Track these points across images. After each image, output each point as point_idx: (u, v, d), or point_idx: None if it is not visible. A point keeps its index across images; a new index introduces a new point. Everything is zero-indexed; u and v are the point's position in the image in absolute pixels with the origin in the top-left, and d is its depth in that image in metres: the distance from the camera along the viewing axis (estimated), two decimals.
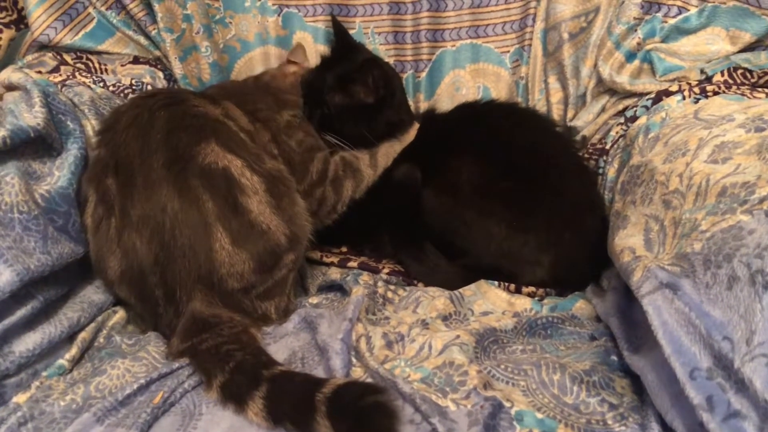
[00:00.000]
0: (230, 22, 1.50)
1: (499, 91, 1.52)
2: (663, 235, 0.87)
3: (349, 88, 1.27)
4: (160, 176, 0.96)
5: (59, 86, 1.21)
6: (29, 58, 1.32)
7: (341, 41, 1.39)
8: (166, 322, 0.98)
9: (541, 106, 1.49)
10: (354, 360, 0.91)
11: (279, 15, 1.51)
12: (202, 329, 0.92)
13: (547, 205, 1.14)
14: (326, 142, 1.27)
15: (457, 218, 1.17)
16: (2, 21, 1.28)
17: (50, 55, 1.33)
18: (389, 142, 1.31)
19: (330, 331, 0.95)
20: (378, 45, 1.53)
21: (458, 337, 0.93)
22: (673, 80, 1.25)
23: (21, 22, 1.31)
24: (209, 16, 1.47)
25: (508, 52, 1.49)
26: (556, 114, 1.47)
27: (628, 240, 0.92)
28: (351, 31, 1.47)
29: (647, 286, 0.76)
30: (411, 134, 1.34)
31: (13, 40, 1.31)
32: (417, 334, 0.95)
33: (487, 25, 1.48)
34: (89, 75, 1.32)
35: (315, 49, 1.49)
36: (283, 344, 0.97)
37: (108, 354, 0.97)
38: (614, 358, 0.90)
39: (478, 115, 1.32)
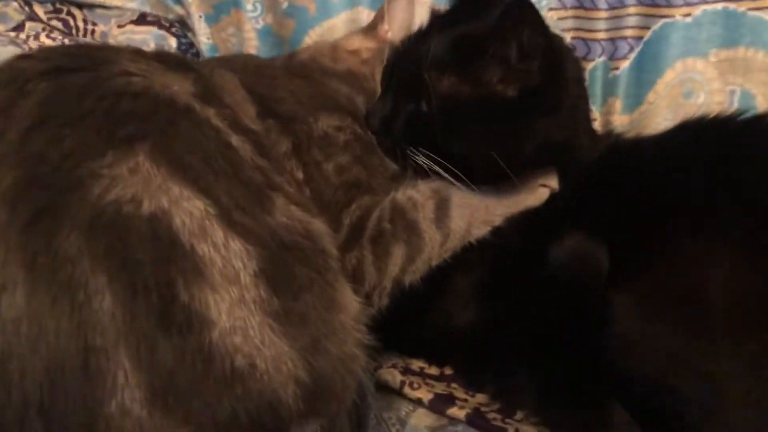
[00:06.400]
0: None
1: None
2: None
3: (473, 66, 0.76)
4: None
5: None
6: None
7: None
8: None
9: None
10: None
11: None
12: None
13: None
14: (413, 168, 0.79)
15: (694, 369, 0.68)
16: None
17: (15, 5, 1.00)
18: (523, 183, 0.79)
19: None
20: (546, 10, 1.05)
21: None
22: None
23: None
24: None
25: None
26: None
27: None
28: None
29: None
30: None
31: None
32: None
33: None
34: (66, 36, 0.97)
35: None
36: None
37: None
38: None
39: (733, 146, 0.80)
